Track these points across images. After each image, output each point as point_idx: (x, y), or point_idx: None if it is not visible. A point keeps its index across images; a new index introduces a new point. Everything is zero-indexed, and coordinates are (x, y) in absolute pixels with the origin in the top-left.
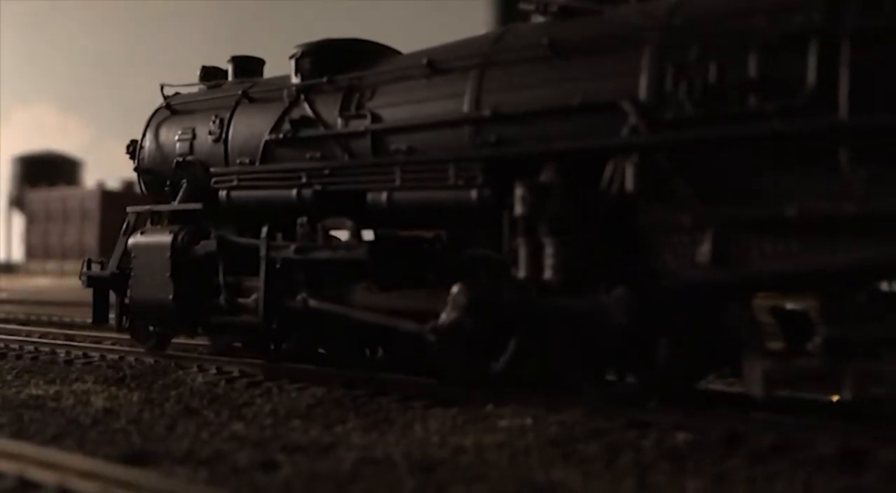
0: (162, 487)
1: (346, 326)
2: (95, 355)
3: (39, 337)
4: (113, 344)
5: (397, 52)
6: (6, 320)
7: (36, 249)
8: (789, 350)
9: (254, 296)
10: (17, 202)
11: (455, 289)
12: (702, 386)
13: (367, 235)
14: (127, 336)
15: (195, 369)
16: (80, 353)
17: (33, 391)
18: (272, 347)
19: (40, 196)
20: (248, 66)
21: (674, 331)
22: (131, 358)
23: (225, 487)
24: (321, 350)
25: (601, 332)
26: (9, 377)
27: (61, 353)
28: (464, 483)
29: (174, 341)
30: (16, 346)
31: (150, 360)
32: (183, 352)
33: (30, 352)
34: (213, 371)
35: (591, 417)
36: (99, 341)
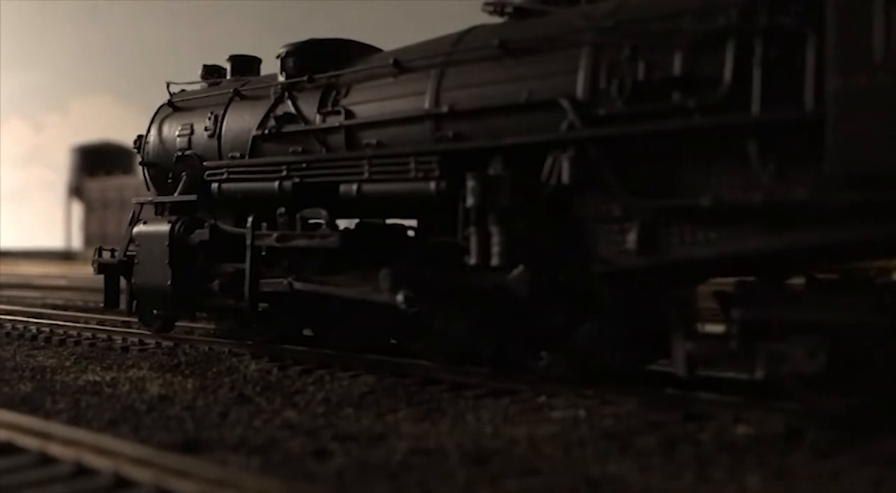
0: (214, 476)
1: (326, 307)
2: (151, 342)
3: (97, 324)
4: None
5: (379, 51)
6: (65, 307)
7: (94, 236)
8: (709, 333)
9: (239, 281)
10: (76, 191)
11: (381, 273)
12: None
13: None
14: (184, 324)
15: (248, 356)
16: (136, 340)
17: (91, 377)
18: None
19: (98, 185)
20: (245, 64)
21: (611, 315)
22: (186, 345)
23: (277, 476)
24: (306, 332)
25: (515, 308)
26: (67, 363)
27: (118, 340)
28: (517, 476)
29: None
30: (74, 333)
31: (204, 347)
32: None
33: (87, 338)
34: (266, 359)
35: (646, 409)
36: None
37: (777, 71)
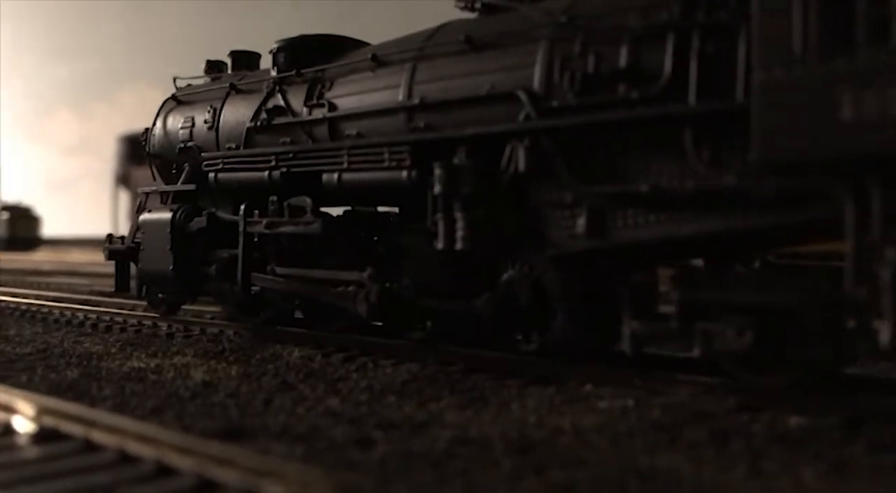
0: (256, 465)
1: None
2: (196, 328)
3: (143, 311)
4: (212, 318)
5: (367, 45)
6: (112, 294)
7: None
8: (654, 313)
9: (233, 266)
10: (122, 180)
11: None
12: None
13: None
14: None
15: (292, 343)
16: (181, 326)
17: (136, 364)
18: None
19: (144, 173)
20: (245, 59)
21: (569, 297)
22: (230, 332)
23: (320, 465)
24: (298, 315)
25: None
26: (113, 350)
27: (163, 326)
28: (563, 467)
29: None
30: (120, 319)
31: (248, 334)
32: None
33: (133, 325)
34: (310, 346)
35: (696, 399)
36: (200, 314)
37: (712, 64)
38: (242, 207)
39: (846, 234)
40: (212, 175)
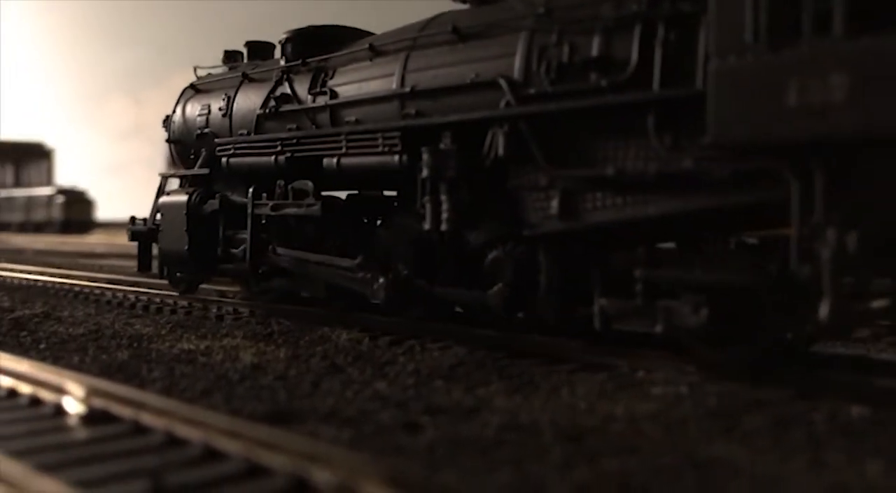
0: (304, 449)
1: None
2: (245, 310)
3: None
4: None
5: (371, 35)
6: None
7: None
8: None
9: (243, 246)
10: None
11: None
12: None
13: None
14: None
15: (340, 326)
16: (230, 309)
17: (185, 346)
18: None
19: None
20: (259, 49)
21: (549, 275)
22: (279, 314)
23: (368, 450)
24: (303, 294)
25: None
26: (163, 332)
27: (213, 308)
28: (616, 455)
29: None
30: (171, 301)
31: (297, 316)
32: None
33: (183, 307)
34: (357, 328)
35: (753, 386)
36: (249, 297)
37: (675, 52)
38: (250, 190)
39: (792, 215)
40: (224, 160)
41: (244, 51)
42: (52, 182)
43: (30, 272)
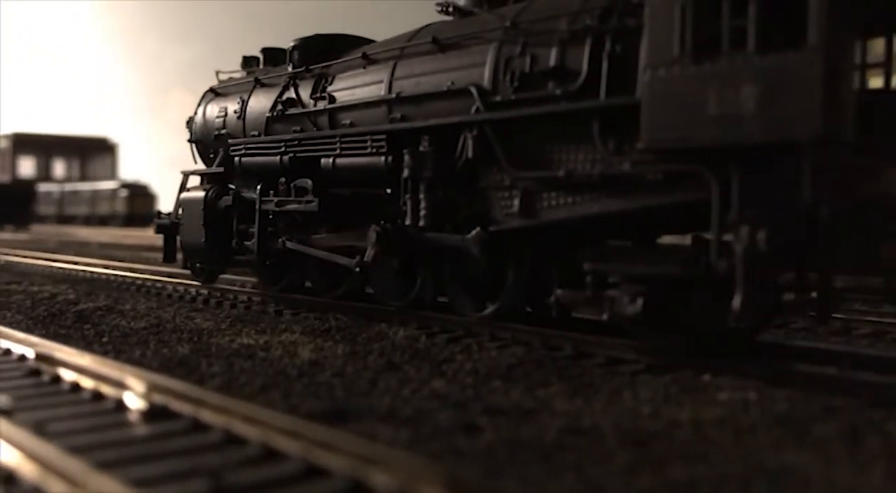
0: (362, 451)
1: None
2: (303, 306)
3: (252, 287)
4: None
5: (373, 42)
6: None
7: None
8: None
9: (253, 239)
10: None
11: (370, 230)
12: None
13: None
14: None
15: (397, 323)
16: (289, 304)
17: (245, 341)
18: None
19: None
20: (275, 55)
21: (514, 268)
22: (337, 310)
23: (426, 452)
24: (307, 284)
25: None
26: (223, 326)
27: (271, 303)
28: (682, 462)
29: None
30: (231, 295)
31: (354, 312)
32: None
33: (243, 302)
34: (415, 326)
35: (824, 392)
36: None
37: (620, 64)
38: (258, 187)
39: (712, 213)
40: (237, 159)
41: (261, 57)
42: (116, 176)
43: (94, 265)
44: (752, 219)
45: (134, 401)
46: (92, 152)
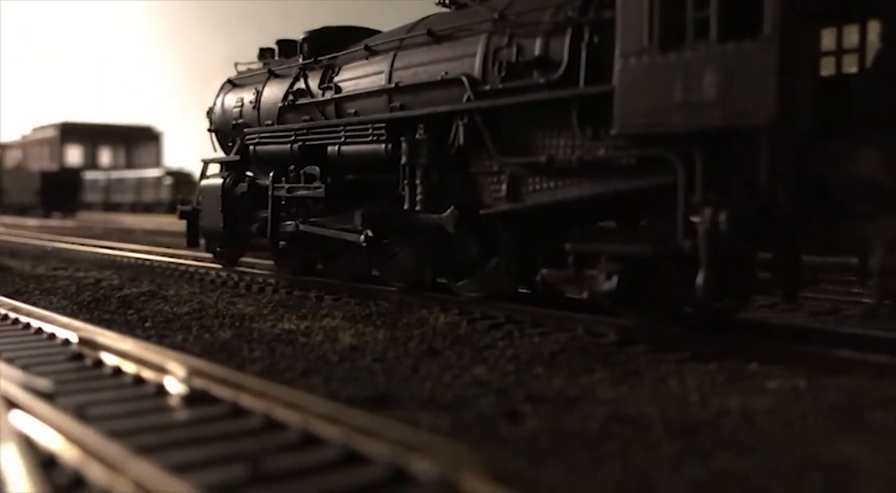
0: (404, 438)
1: (327, 245)
2: (344, 291)
3: (313, 276)
4: (361, 282)
5: (380, 33)
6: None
7: None
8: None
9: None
10: None
11: (356, 213)
12: None
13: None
14: (376, 275)
15: (438, 308)
16: (331, 289)
17: (286, 326)
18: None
19: None
20: (289, 47)
21: (505, 250)
22: (378, 296)
23: (468, 440)
24: (319, 266)
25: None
26: (265, 311)
27: (313, 289)
28: (731, 452)
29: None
30: (273, 281)
31: (395, 298)
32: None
33: (284, 287)
34: (455, 311)
35: (879, 380)
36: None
37: (598, 54)
38: (271, 174)
39: (678, 195)
40: (252, 147)
41: (276, 48)
42: (160, 164)
43: (139, 251)
44: (713, 201)
45: (174, 385)
46: (137, 141)
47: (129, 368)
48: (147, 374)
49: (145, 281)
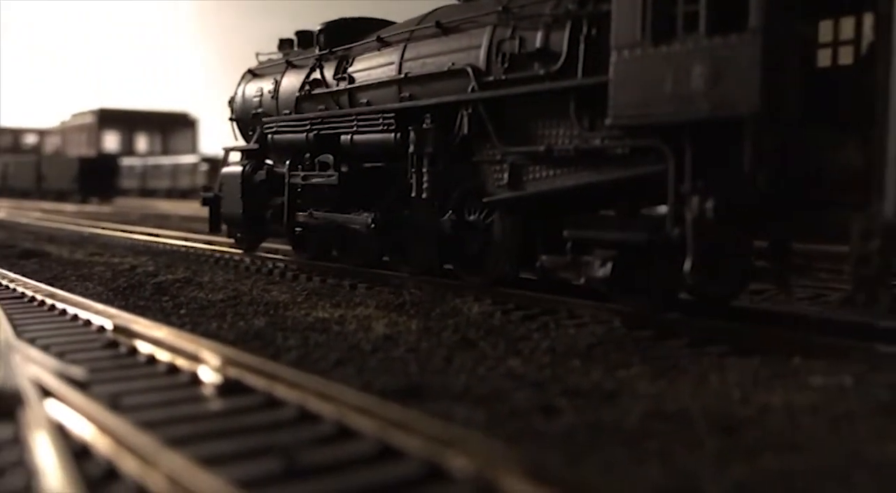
0: (439, 433)
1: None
2: (378, 280)
3: (328, 261)
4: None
5: (394, 24)
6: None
7: None
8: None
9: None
10: None
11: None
12: None
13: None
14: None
15: (471, 298)
16: (364, 277)
17: (320, 314)
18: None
19: None
20: (307, 38)
21: (508, 236)
22: (411, 285)
23: (504, 435)
24: (334, 252)
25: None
26: (299, 299)
27: (346, 277)
28: (775, 451)
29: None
30: (307, 269)
31: (428, 287)
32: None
33: (318, 274)
34: (489, 301)
35: None
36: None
37: (595, 46)
38: (287, 162)
39: (668, 184)
40: (270, 136)
41: (295, 39)
42: (196, 150)
43: (174, 238)
44: (701, 189)
45: (208, 375)
46: (173, 127)
47: (163, 356)
48: (181, 362)
49: (180, 268)
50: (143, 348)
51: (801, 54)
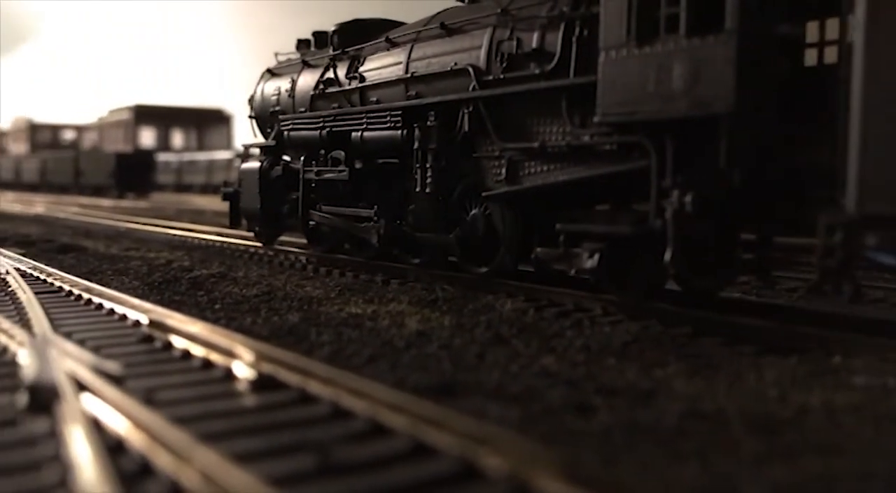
0: (472, 431)
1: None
2: (410, 275)
3: (363, 257)
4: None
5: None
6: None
7: None
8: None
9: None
10: None
11: (371, 227)
12: None
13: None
14: (437, 259)
15: (504, 294)
16: (396, 273)
17: (353, 310)
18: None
19: None
20: (322, 38)
21: (507, 229)
22: (443, 280)
23: (539, 434)
24: (346, 246)
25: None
26: (332, 295)
27: (379, 272)
28: (817, 453)
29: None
30: (340, 264)
31: (460, 284)
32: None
33: (351, 270)
34: (522, 298)
35: None
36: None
37: (587, 47)
38: (302, 158)
39: (651, 179)
40: (286, 133)
41: (312, 40)
42: (231, 146)
43: (209, 233)
44: (680, 184)
45: (242, 370)
46: (208, 123)
47: (197, 351)
48: (215, 358)
49: (215, 263)
50: (178, 342)
51: (781, 54)
